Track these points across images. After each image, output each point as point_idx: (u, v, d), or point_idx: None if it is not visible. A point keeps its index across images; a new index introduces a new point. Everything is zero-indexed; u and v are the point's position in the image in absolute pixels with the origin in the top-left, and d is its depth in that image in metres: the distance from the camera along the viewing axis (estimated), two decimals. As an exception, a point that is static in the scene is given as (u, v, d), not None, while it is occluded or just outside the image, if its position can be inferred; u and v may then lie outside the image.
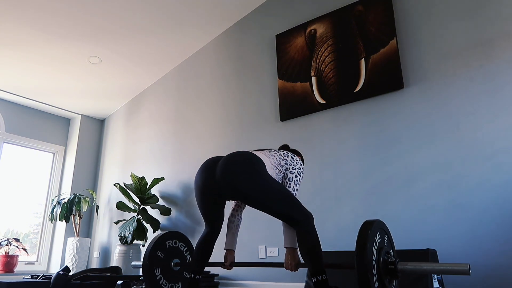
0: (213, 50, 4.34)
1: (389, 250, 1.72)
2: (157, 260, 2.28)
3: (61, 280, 2.67)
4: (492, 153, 2.43)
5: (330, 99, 3.21)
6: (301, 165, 2.05)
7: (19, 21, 3.62)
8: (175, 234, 2.42)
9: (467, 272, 1.46)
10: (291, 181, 1.97)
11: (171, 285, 2.32)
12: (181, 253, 2.43)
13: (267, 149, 2.09)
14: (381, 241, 1.65)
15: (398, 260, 1.65)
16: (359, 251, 1.51)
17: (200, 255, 2.01)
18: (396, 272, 1.64)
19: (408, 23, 2.98)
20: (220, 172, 1.78)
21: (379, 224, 1.67)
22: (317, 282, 1.70)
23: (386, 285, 1.60)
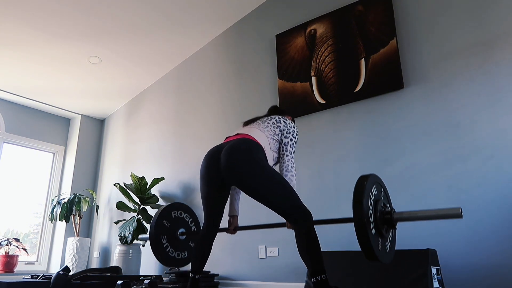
0: (213, 50, 4.34)
1: (385, 202, 1.77)
2: (164, 229, 2.36)
3: (61, 280, 2.67)
4: (492, 152, 2.43)
5: (330, 99, 3.21)
6: (294, 127, 2.12)
7: (19, 21, 3.62)
8: (180, 205, 2.53)
9: (459, 215, 1.52)
10: (287, 145, 2.03)
11: (177, 253, 2.40)
12: (186, 223, 2.51)
13: (259, 119, 2.13)
14: (377, 193, 1.70)
15: (394, 210, 1.71)
16: (356, 201, 1.56)
17: (199, 254, 2.02)
18: (392, 221, 1.69)
19: (408, 23, 2.98)
20: (223, 160, 1.84)
21: (375, 178, 1.71)
22: (317, 282, 1.69)
23: (384, 234, 1.65)
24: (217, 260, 3.47)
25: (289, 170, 1.98)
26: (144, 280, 2.91)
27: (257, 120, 2.13)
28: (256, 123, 2.10)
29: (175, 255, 2.37)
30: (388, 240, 1.72)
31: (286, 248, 3.11)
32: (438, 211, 1.61)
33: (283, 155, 2.03)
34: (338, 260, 2.50)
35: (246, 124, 2.16)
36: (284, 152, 2.03)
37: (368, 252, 1.52)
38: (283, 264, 3.11)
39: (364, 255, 1.53)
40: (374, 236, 1.56)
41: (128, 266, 3.90)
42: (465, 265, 2.35)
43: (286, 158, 2.01)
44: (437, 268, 2.21)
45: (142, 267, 4.12)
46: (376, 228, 1.60)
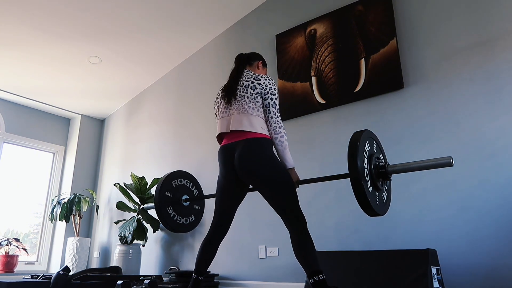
0: (213, 50, 4.34)
1: (379, 155, 1.85)
2: (168, 199, 2.45)
3: (61, 280, 2.67)
4: (492, 152, 2.43)
5: (330, 99, 3.21)
6: (270, 82, 2.06)
7: (19, 21, 3.62)
8: (179, 173, 2.60)
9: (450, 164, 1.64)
10: (269, 106, 2.02)
11: (185, 219, 2.53)
12: (188, 189, 2.61)
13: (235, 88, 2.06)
14: (370, 148, 1.77)
15: (388, 163, 1.80)
16: (351, 160, 1.64)
17: (204, 256, 2.02)
18: (387, 174, 1.78)
19: (408, 23, 2.98)
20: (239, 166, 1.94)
21: (368, 133, 1.79)
22: (315, 283, 1.71)
23: (379, 187, 1.75)
24: (217, 260, 3.46)
25: (277, 131, 1.98)
26: (144, 280, 2.91)
27: (236, 95, 2.05)
28: (237, 100, 2.04)
29: (182, 221, 2.51)
30: (384, 191, 1.82)
31: (286, 248, 3.11)
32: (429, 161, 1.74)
33: (267, 117, 2.01)
34: (338, 260, 2.50)
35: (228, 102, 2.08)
36: (268, 115, 2.01)
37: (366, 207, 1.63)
38: (283, 264, 3.11)
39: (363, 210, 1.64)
40: (371, 193, 1.66)
41: (128, 266, 3.90)
42: (465, 265, 2.35)
43: (271, 121, 2.00)
44: (437, 268, 2.21)
45: (142, 267, 4.12)
46: (372, 184, 1.69)
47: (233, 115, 2.04)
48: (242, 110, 2.02)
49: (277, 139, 1.98)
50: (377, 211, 1.65)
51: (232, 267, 3.42)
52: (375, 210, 1.63)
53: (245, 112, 2.00)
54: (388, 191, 1.88)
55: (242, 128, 1.98)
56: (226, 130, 2.04)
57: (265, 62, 2.33)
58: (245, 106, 2.02)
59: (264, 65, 2.31)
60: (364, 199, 1.61)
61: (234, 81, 2.10)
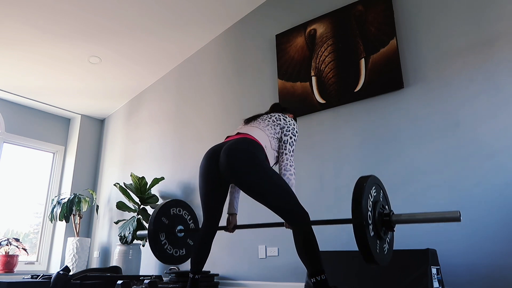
0: (213, 50, 4.34)
1: (384, 204, 1.76)
2: (162, 226, 2.34)
3: (61, 280, 2.67)
4: (492, 152, 2.43)
5: (330, 99, 3.21)
6: (294, 125, 2.10)
7: (19, 21, 3.62)
8: (179, 202, 2.51)
9: (457, 219, 1.50)
10: (286, 143, 2.03)
11: (175, 251, 2.38)
12: (185, 220, 2.50)
13: (260, 116, 2.12)
14: (376, 195, 1.68)
15: (392, 212, 1.70)
16: (355, 202, 1.54)
17: (198, 254, 2.02)
18: (391, 223, 1.68)
19: (408, 23, 2.98)
20: (223, 159, 1.84)
21: (374, 179, 1.70)
22: (317, 283, 1.69)
23: (382, 236, 1.64)
24: (217, 260, 3.47)
25: (287, 169, 1.97)
26: (144, 280, 2.91)
27: (258, 118, 2.13)
28: (257, 121, 2.10)
29: (173, 252, 2.36)
30: (386, 242, 1.71)
31: (286, 248, 3.11)
32: (437, 214, 1.59)
33: (282, 153, 2.02)
34: (338, 260, 2.50)
35: (247, 122, 2.16)
36: (283, 151, 2.02)
37: (366, 254, 1.52)
38: (283, 264, 3.11)
39: (362, 257, 1.53)
40: (373, 238, 1.55)
41: (128, 266, 3.91)
42: (465, 265, 2.35)
43: (285, 157, 2.01)
44: (437, 268, 2.21)
45: (142, 267, 4.12)
46: (374, 230, 1.59)
47: (247, 126, 2.08)
48: (258, 126, 2.04)
49: (285, 176, 1.95)
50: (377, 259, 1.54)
51: (232, 267, 3.42)
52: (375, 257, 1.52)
53: (260, 129, 2.02)
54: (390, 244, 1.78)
55: (247, 132, 1.99)
56: (231, 133, 2.04)
57: (296, 118, 2.38)
58: (261, 125, 2.05)
59: (294, 119, 2.34)
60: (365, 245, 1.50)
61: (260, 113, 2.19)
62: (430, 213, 1.61)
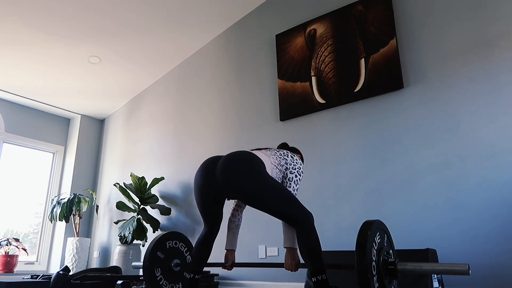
0: (213, 50, 4.34)
1: (389, 250, 1.72)
2: (158, 261, 2.29)
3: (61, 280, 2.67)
4: (492, 153, 2.43)
5: (330, 99, 3.21)
6: (301, 164, 2.05)
7: (19, 21, 3.62)
8: (175, 234, 2.42)
9: (466, 272, 1.46)
10: (291, 181, 1.97)
11: (171, 286, 2.33)
12: (181, 253, 2.43)
13: (267, 148, 2.09)
14: (380, 241, 1.65)
15: (398, 260, 1.66)
16: (359, 251, 1.51)
17: (199, 255, 2.01)
18: (396, 272, 1.64)
19: (408, 23, 2.98)
20: (220, 171, 1.79)
21: (379, 224, 1.67)
22: (317, 282, 1.70)
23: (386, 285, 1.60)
24: (217, 260, 3.47)
25: None
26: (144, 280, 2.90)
27: (264, 149, 2.06)
28: (263, 150, 2.04)
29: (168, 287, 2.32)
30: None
31: (286, 248, 3.11)
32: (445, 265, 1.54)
33: None
34: (338, 260, 2.50)
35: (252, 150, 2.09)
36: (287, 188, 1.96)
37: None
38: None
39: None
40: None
41: (128, 266, 3.90)
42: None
43: None
44: (437, 268, 2.20)
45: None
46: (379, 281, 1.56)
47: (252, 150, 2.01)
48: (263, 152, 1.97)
49: None
50: None
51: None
52: None
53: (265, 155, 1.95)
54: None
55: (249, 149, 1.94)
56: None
57: (303, 158, 2.34)
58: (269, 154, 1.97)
59: (301, 158, 2.31)
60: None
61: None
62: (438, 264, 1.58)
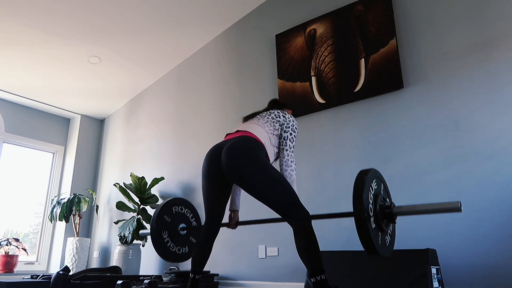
0: (213, 50, 4.34)
1: (385, 197, 1.78)
2: (165, 224, 2.37)
3: (61, 280, 2.67)
4: (492, 152, 2.43)
5: (330, 99, 3.21)
6: (294, 121, 2.12)
7: (19, 21, 3.62)
8: (181, 200, 2.54)
9: (458, 209, 1.54)
10: (287, 139, 2.04)
11: (178, 248, 2.41)
12: (187, 218, 2.52)
13: (258, 113, 2.14)
14: (377, 188, 1.71)
15: (394, 204, 1.73)
16: (356, 195, 1.57)
17: (199, 255, 2.02)
18: (392, 215, 1.70)
19: (408, 23, 2.98)
20: (224, 159, 1.85)
21: (375, 172, 1.72)
22: (317, 282, 1.69)
23: (383, 228, 1.67)
24: (217, 260, 3.47)
25: (288, 164, 1.98)
26: (144, 280, 2.91)
27: (257, 115, 2.14)
28: (256, 118, 2.11)
29: (175, 250, 2.39)
30: (388, 234, 1.74)
31: (286, 248, 3.11)
32: (438, 205, 1.64)
33: (282, 149, 2.03)
34: (338, 260, 2.50)
35: (245, 119, 2.17)
36: (283, 147, 2.03)
37: (368, 246, 1.54)
38: (283, 264, 3.11)
39: (364, 249, 1.56)
40: (374, 230, 1.59)
41: (128, 266, 3.90)
42: (465, 265, 2.35)
43: (285, 153, 2.02)
44: (437, 268, 2.21)
45: (142, 267, 4.12)
46: (376, 223, 1.62)
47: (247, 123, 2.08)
48: (257, 122, 2.05)
49: (286, 171, 1.96)
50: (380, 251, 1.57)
51: (232, 267, 3.42)
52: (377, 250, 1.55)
53: (260, 125, 2.03)
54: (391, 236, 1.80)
55: (247, 129, 1.99)
56: (231, 131, 2.05)
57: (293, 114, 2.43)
58: (261, 122, 2.05)
59: (292, 114, 2.40)
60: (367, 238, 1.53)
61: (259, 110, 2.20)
62: (431, 204, 1.66)
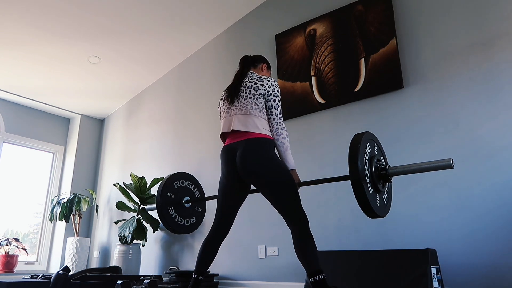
0: (213, 49, 4.34)
1: (380, 157, 1.84)
2: (169, 201, 2.49)
3: (61, 280, 2.67)
4: (492, 152, 2.43)
5: (330, 99, 3.21)
6: (273, 84, 2.08)
7: (19, 21, 3.62)
8: (181, 174, 2.64)
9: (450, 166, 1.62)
10: (271, 108, 2.05)
11: (186, 221, 2.57)
12: (190, 190, 2.64)
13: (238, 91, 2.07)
14: (371, 150, 1.77)
15: (388, 165, 1.80)
16: (352, 161, 1.62)
17: (204, 256, 2.03)
18: (388, 176, 1.77)
19: (408, 23, 2.98)
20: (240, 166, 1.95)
21: (369, 135, 1.79)
22: (315, 282, 1.71)
23: (380, 189, 1.74)
24: (217, 260, 3.45)
25: (279, 133, 2.01)
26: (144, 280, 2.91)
27: (238, 95, 2.07)
28: (240, 101, 2.06)
29: (184, 222, 2.54)
30: (385, 193, 1.82)
31: (286, 248, 3.11)
32: (430, 163, 1.71)
33: (270, 119, 2.04)
34: (338, 260, 2.50)
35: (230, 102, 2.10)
36: (270, 116, 2.04)
37: (367, 210, 1.62)
38: (283, 264, 3.11)
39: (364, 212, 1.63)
40: (372, 194, 1.66)
41: (128, 266, 3.90)
42: (465, 265, 2.36)
43: (274, 122, 2.03)
44: (436, 268, 2.21)
45: (142, 267, 4.12)
46: (373, 186, 1.68)
47: (235, 115, 2.06)
48: (244, 110, 2.03)
49: (278, 140, 2.00)
50: (378, 213, 1.66)
51: (232, 267, 3.42)
52: (376, 212, 1.64)
53: (248, 113, 2.02)
54: (388, 193, 1.89)
55: (243, 129, 2.00)
56: (228, 130, 2.06)
57: (269, 65, 2.38)
58: (247, 106, 2.03)
59: (268, 68, 2.36)
60: (365, 201, 1.60)
61: (238, 82, 2.13)
62: (424, 163, 1.75)
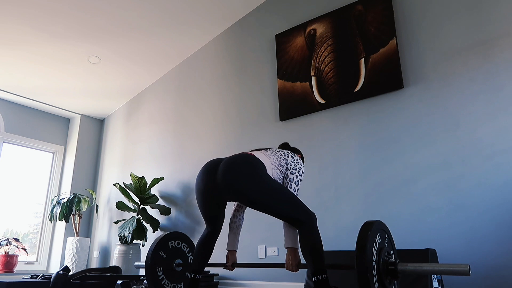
0: (213, 50, 4.34)
1: (390, 250, 1.72)
2: (160, 260, 2.29)
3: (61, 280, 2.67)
4: (492, 153, 2.43)
5: (330, 99, 3.21)
6: (301, 164, 2.05)
7: (19, 21, 3.62)
8: (177, 234, 2.42)
9: (467, 273, 1.45)
10: (292, 182, 1.97)
11: (173, 285, 2.33)
12: (184, 253, 2.44)
13: (267, 149, 2.09)
14: (381, 241, 1.65)
15: (398, 260, 1.65)
16: (359, 251, 1.50)
17: (200, 255, 2.02)
18: (396, 273, 1.63)
19: (408, 23, 2.98)
20: (221, 175, 1.80)
21: (379, 224, 1.67)
22: (318, 282, 1.70)
23: (387, 286, 1.60)
24: (217, 260, 3.47)
25: None
26: (144, 280, 2.91)
27: (264, 149, 2.06)
28: (263, 150, 2.04)
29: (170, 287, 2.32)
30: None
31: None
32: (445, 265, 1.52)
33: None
34: (338, 260, 2.50)
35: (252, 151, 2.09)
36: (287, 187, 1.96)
37: None
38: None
39: None
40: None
41: (128, 266, 3.90)
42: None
43: None
44: (437, 268, 2.20)
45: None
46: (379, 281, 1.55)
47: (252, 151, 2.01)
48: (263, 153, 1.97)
49: None
50: None
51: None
52: None
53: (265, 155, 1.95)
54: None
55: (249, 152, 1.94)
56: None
57: (303, 159, 2.32)
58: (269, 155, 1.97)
59: (302, 159, 2.29)
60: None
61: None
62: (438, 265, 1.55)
